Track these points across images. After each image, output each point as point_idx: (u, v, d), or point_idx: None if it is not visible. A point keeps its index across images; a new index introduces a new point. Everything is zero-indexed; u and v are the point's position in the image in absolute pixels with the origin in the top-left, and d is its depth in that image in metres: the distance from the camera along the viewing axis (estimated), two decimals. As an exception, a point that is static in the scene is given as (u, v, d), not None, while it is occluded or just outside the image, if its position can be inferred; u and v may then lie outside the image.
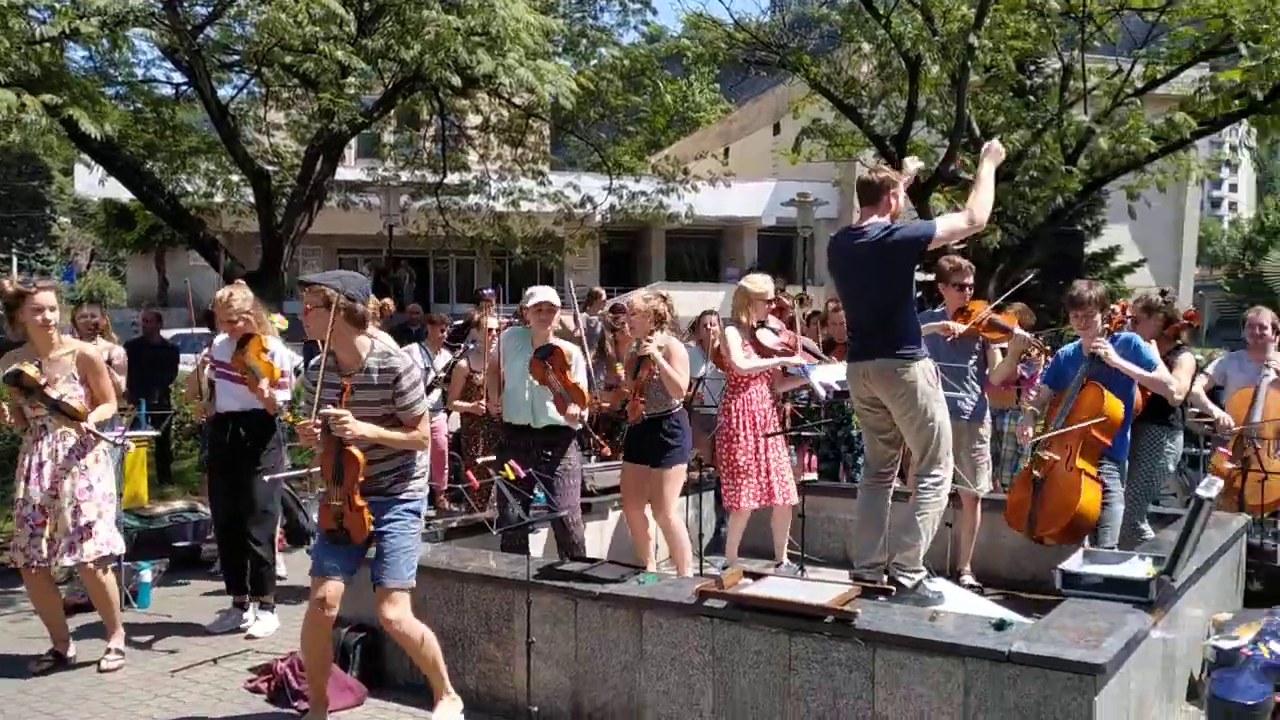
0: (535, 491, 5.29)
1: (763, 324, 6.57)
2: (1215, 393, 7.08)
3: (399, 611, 4.26)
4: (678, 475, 6.00)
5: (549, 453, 5.57)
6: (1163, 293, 6.71)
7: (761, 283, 6.57)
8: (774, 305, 7.00)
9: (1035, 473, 5.58)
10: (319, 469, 4.27)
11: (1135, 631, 3.87)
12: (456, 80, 8.32)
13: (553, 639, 4.58)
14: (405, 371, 4.19)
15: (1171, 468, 6.32)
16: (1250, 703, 4.37)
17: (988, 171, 5.02)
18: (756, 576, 4.53)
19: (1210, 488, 4.23)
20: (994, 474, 7.44)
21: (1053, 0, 11.64)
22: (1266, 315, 7.01)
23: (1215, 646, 4.78)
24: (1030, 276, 9.35)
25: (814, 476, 8.04)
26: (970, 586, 6.06)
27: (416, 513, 4.34)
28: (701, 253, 39.73)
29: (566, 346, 5.56)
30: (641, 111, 12.84)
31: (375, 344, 4.27)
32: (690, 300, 16.56)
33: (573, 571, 4.66)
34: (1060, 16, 12.16)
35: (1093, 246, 19.08)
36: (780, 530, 6.60)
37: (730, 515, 6.58)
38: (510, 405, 5.70)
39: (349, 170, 18.08)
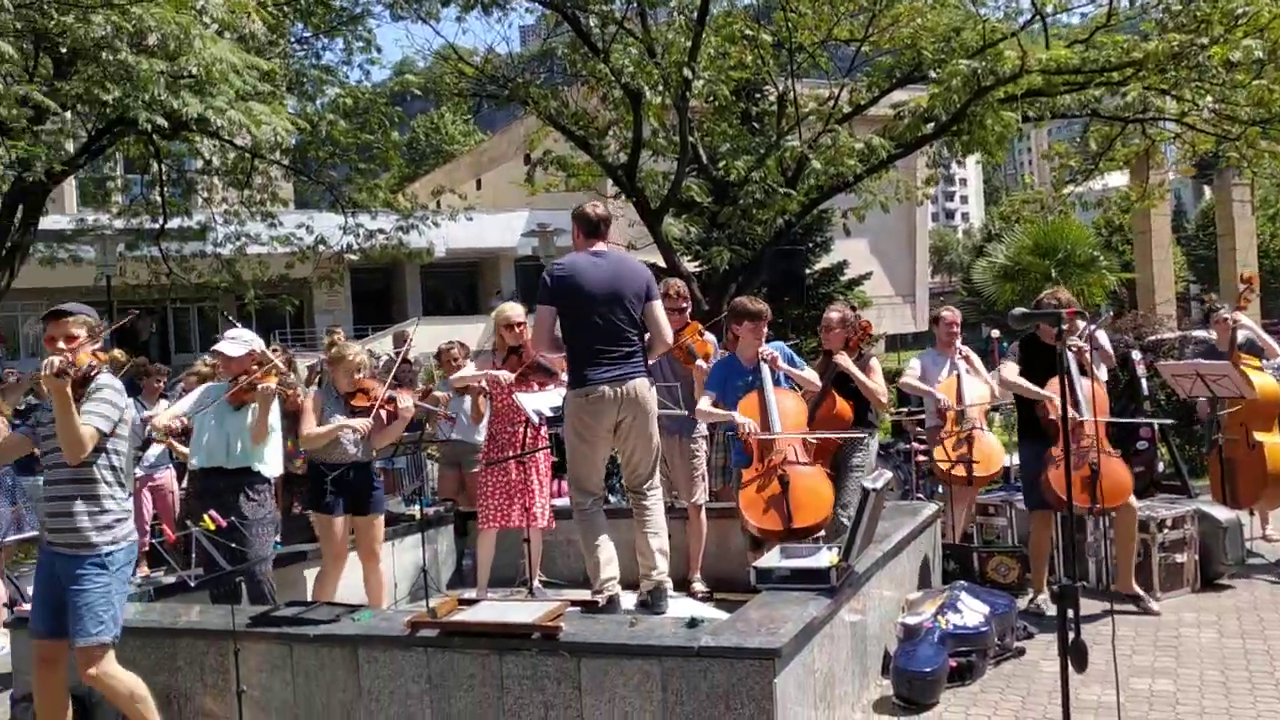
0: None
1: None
2: None
3: (98, 668, 4.12)
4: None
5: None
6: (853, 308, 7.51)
7: (509, 310, 6.57)
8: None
9: None
10: None
11: (814, 616, 4.21)
12: (163, 122, 8.05)
13: (270, 687, 4.52)
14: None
15: (872, 461, 6.91)
16: (928, 670, 4.83)
17: None
18: (470, 603, 4.63)
19: (877, 480, 4.65)
20: None
21: (764, 34, 12.45)
22: (955, 313, 7.84)
23: (902, 623, 5.24)
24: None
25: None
26: (700, 594, 6.36)
27: (104, 565, 4.17)
28: (459, 285, 39.46)
29: None
30: (375, 148, 12.71)
31: None
32: (449, 334, 16.40)
33: (286, 616, 4.62)
34: (773, 48, 12.97)
35: (823, 263, 20.39)
36: (537, 553, 6.58)
37: (478, 546, 6.58)
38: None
39: (60, 218, 16.97)
